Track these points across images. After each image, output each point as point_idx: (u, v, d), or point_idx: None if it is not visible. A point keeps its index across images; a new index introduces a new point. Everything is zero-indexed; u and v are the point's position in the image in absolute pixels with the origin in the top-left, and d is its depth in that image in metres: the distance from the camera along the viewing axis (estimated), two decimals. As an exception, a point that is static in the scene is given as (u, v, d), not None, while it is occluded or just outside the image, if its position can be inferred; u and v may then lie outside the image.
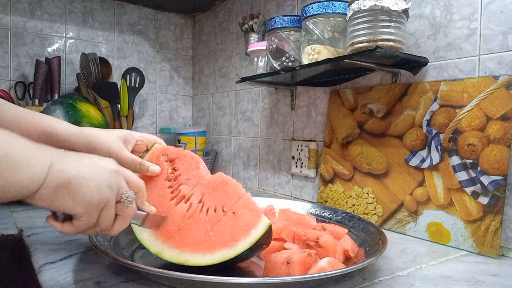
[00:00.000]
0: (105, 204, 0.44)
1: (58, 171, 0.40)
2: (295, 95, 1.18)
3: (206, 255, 0.49)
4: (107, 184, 0.44)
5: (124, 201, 0.46)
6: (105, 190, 0.43)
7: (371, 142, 0.89)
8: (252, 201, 0.54)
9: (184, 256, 0.49)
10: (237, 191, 0.55)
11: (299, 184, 1.16)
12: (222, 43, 1.57)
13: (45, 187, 0.39)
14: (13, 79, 1.40)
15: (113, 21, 1.59)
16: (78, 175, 0.41)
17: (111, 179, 0.44)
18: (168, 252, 0.50)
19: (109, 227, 0.46)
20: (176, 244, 0.51)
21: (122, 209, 0.47)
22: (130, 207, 0.47)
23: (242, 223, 0.50)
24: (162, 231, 0.53)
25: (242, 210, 0.52)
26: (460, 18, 0.76)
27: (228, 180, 0.57)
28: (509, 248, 0.67)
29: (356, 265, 0.48)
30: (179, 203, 0.55)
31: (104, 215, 0.44)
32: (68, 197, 0.41)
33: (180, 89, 1.78)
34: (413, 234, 0.78)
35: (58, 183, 0.40)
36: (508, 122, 0.66)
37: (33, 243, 0.65)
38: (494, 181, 0.67)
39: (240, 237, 0.49)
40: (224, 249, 0.49)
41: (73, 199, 0.41)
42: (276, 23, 0.98)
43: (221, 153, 1.56)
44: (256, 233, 0.49)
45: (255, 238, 0.49)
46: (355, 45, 0.76)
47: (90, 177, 0.42)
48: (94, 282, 0.49)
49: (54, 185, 0.40)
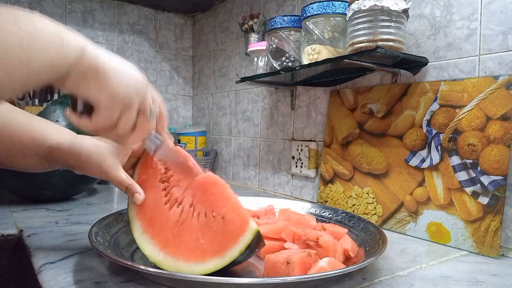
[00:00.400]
0: (128, 104, 0.43)
1: (90, 56, 0.40)
2: (295, 95, 1.18)
3: (198, 264, 0.48)
4: (135, 86, 0.43)
5: (147, 113, 0.45)
6: (132, 90, 0.43)
7: (371, 142, 0.89)
8: (239, 205, 0.52)
9: (179, 265, 0.49)
10: (225, 194, 0.54)
11: (299, 184, 1.16)
12: (222, 43, 1.57)
13: (76, 68, 0.39)
14: (13, 79, 1.39)
15: (113, 21, 1.59)
16: (109, 66, 0.41)
17: (139, 85, 0.44)
18: (165, 262, 0.50)
19: (126, 134, 0.46)
20: (171, 253, 0.50)
21: (141, 122, 0.46)
22: (150, 123, 0.47)
23: (231, 229, 0.50)
24: (159, 238, 0.52)
25: (230, 215, 0.51)
26: (460, 18, 0.76)
27: (216, 181, 0.55)
28: (509, 248, 0.67)
29: (356, 265, 0.48)
30: (172, 207, 0.54)
31: (124, 118, 0.44)
32: (94, 83, 0.41)
33: (180, 89, 1.78)
34: (413, 234, 0.78)
35: (88, 66, 0.40)
36: (508, 122, 0.66)
37: (33, 243, 0.65)
38: (494, 181, 0.67)
39: (230, 245, 0.48)
40: (215, 258, 0.48)
41: (99, 87, 0.41)
42: (276, 23, 0.98)
43: (221, 153, 1.56)
44: (245, 240, 0.48)
45: (244, 245, 0.48)
46: (355, 45, 0.76)
47: (121, 72, 0.42)
48: (94, 282, 0.49)
49: (84, 68, 0.40)
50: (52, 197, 0.98)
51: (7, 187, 0.95)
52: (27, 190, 0.94)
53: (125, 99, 0.43)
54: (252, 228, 0.48)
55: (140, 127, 0.46)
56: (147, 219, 0.54)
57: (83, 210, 0.92)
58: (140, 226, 0.54)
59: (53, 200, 0.99)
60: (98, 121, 0.43)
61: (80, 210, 0.92)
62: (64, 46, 0.38)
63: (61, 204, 0.97)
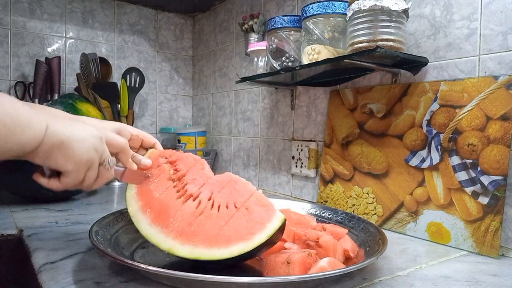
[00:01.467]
0: (91, 164, 0.50)
1: (53, 131, 0.45)
2: (295, 95, 1.18)
3: (221, 249, 0.49)
4: (93, 147, 0.49)
5: (105, 165, 0.52)
6: (92, 152, 0.49)
7: (371, 142, 0.89)
8: (265, 197, 0.55)
9: (198, 251, 0.49)
10: (248, 189, 0.57)
11: (299, 184, 1.16)
12: (222, 43, 1.57)
13: (42, 146, 0.44)
14: (13, 79, 1.40)
15: (113, 21, 1.59)
16: (70, 137, 0.46)
17: (97, 144, 0.50)
18: (180, 248, 0.50)
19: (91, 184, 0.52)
20: (188, 240, 0.50)
21: (102, 172, 0.53)
22: (109, 171, 0.54)
23: (257, 217, 0.52)
24: (171, 228, 0.53)
25: (255, 206, 0.53)
26: (460, 18, 0.76)
27: (237, 179, 0.58)
28: (509, 248, 0.67)
29: (356, 265, 0.48)
30: (187, 201, 0.55)
31: (88, 174, 0.51)
32: (61, 155, 0.46)
33: (180, 89, 1.78)
34: (413, 234, 0.78)
35: (53, 143, 0.45)
36: (508, 122, 0.66)
37: (33, 243, 0.65)
38: (494, 181, 0.67)
39: (256, 231, 0.50)
40: (241, 242, 0.49)
41: (66, 158, 0.47)
42: (276, 23, 0.98)
43: (221, 153, 1.56)
44: (272, 226, 0.50)
45: (271, 231, 0.50)
46: (355, 45, 0.76)
47: (81, 139, 0.48)
48: (94, 282, 0.49)
49: (50, 144, 0.45)
50: (52, 197, 0.98)
51: (7, 187, 0.95)
52: (27, 190, 0.94)
53: (88, 161, 0.49)
54: (279, 216, 0.51)
55: (102, 176, 0.54)
56: (155, 212, 0.55)
57: (83, 210, 0.92)
58: (146, 218, 0.55)
59: (53, 200, 0.99)
60: (67, 182, 0.50)
61: (80, 210, 0.92)
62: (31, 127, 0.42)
63: (61, 204, 0.97)
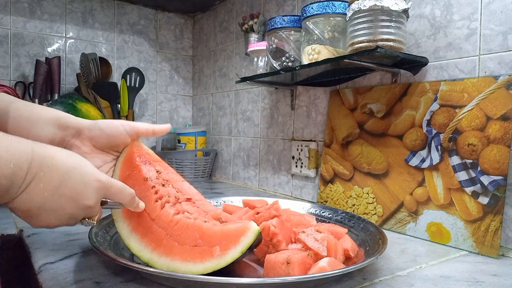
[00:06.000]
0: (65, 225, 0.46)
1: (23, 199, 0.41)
2: (295, 95, 1.18)
3: (197, 264, 0.47)
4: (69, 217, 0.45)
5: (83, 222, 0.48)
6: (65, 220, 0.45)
7: (371, 142, 0.89)
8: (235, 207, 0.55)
9: (175, 265, 0.48)
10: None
11: (299, 184, 1.16)
12: (222, 43, 1.57)
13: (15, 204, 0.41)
14: (13, 79, 1.40)
15: (113, 21, 1.59)
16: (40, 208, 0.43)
17: (78, 213, 0.45)
18: (159, 261, 0.49)
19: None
20: (166, 253, 0.50)
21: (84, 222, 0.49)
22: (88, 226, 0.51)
23: (231, 230, 0.49)
24: (150, 237, 0.51)
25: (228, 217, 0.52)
26: (460, 18, 0.76)
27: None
28: (509, 248, 0.67)
29: (356, 265, 0.48)
30: (164, 207, 0.53)
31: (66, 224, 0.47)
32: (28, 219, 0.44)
33: (180, 89, 1.78)
34: (413, 234, 0.78)
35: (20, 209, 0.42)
36: (508, 122, 0.66)
37: (33, 243, 0.65)
38: (494, 181, 0.67)
39: (231, 246, 0.48)
40: (215, 258, 0.47)
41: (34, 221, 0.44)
42: (276, 23, 0.98)
43: (221, 153, 1.56)
44: (247, 240, 0.47)
45: (245, 246, 0.47)
46: (355, 45, 0.76)
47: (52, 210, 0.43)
48: (94, 282, 0.49)
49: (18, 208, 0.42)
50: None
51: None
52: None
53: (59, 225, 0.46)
54: (253, 229, 0.48)
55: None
56: (135, 218, 0.53)
57: (83, 210, 0.92)
58: (127, 225, 0.54)
59: (53, 200, 0.98)
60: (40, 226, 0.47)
61: (80, 210, 0.92)
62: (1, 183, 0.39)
63: (61, 204, 0.97)
